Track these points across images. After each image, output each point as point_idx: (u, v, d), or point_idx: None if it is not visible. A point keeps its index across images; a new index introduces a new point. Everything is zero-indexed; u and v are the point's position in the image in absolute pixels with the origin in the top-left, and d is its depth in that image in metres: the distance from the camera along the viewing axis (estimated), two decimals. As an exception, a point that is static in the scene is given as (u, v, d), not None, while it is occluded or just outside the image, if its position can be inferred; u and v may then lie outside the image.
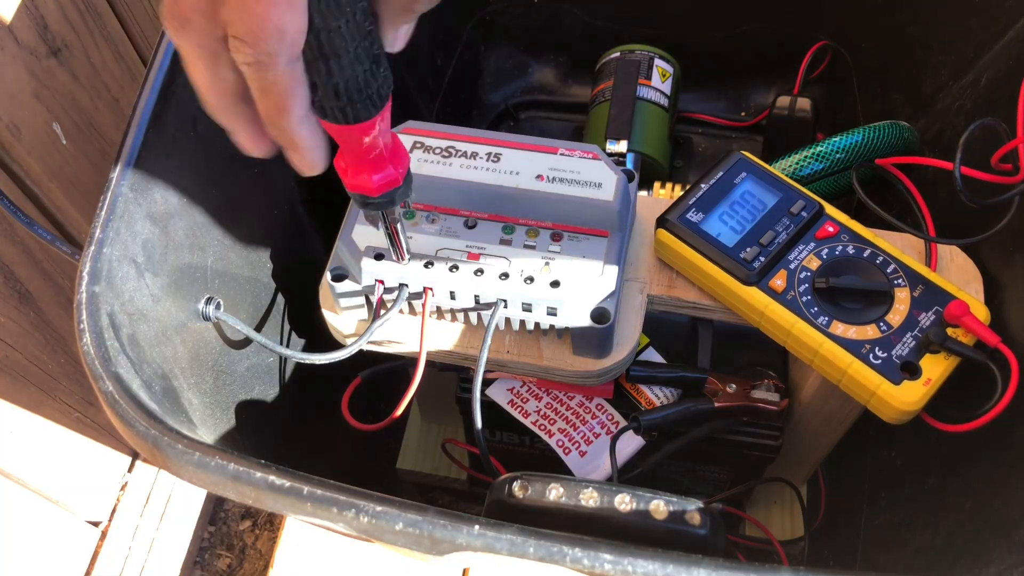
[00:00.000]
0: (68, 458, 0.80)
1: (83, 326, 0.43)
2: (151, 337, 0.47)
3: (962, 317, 0.52)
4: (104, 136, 0.74)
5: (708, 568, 0.34)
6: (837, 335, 0.53)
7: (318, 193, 0.69)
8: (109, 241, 0.45)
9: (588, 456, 0.60)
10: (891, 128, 0.69)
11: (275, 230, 0.63)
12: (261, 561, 0.99)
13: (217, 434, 0.54)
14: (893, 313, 0.54)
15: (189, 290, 0.52)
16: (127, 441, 0.41)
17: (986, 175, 0.56)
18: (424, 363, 0.53)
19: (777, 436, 0.64)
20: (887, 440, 0.69)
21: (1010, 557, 0.44)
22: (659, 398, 0.62)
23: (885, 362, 0.52)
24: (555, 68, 0.98)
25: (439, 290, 0.53)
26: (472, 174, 0.56)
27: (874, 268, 0.56)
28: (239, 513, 1.02)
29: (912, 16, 0.77)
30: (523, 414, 0.61)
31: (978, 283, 0.57)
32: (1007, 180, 0.55)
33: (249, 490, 0.38)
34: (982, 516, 0.51)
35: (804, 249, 0.57)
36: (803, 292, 0.55)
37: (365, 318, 0.57)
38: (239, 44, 0.32)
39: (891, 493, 0.67)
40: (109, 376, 0.42)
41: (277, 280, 0.64)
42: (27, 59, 0.64)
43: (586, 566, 0.34)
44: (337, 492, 0.37)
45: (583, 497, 0.42)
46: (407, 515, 0.36)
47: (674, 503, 0.42)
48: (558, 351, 0.56)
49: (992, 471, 0.52)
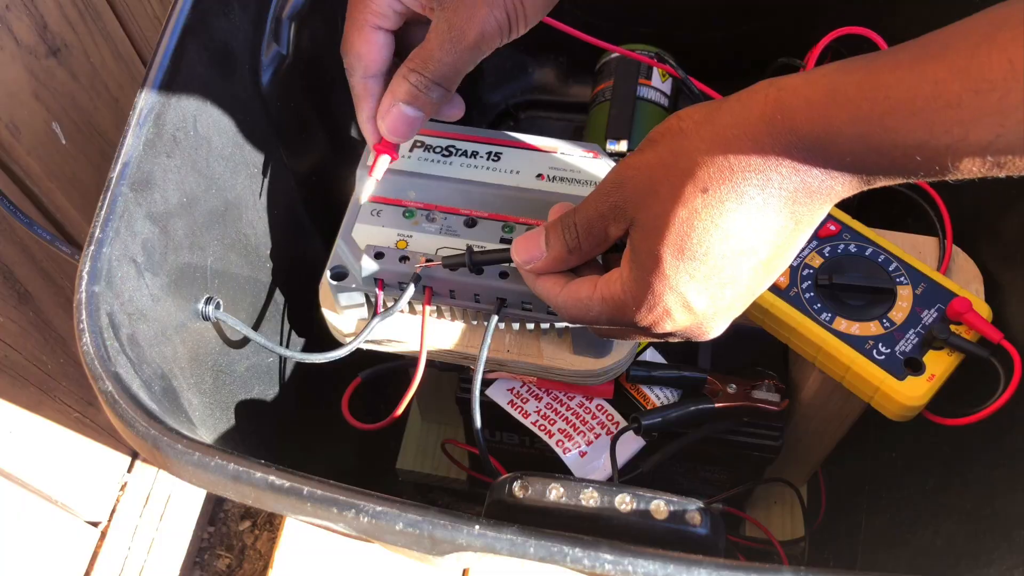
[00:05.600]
0: (68, 458, 0.80)
1: (83, 326, 0.43)
2: (151, 337, 0.47)
3: (965, 314, 0.52)
4: (104, 136, 0.74)
5: (708, 568, 0.34)
6: (840, 331, 0.53)
7: (318, 193, 0.69)
8: (109, 241, 0.45)
9: (588, 456, 0.60)
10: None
11: (275, 230, 0.63)
12: (261, 561, 0.99)
13: (217, 434, 0.54)
14: (896, 310, 0.54)
15: (189, 290, 0.52)
16: (127, 441, 0.41)
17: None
18: (424, 363, 0.53)
19: (777, 436, 0.63)
20: (887, 440, 0.69)
21: (1010, 557, 0.44)
22: (659, 398, 0.62)
23: (889, 358, 0.52)
24: (555, 68, 0.98)
25: (439, 289, 0.53)
26: (472, 173, 0.56)
27: (876, 266, 0.56)
28: (239, 513, 1.02)
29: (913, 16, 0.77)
30: (523, 414, 0.61)
31: (979, 283, 0.57)
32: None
33: (249, 490, 0.38)
34: (982, 516, 0.51)
35: (806, 247, 0.57)
36: (806, 289, 0.55)
37: (365, 317, 0.57)
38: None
39: (891, 493, 0.67)
40: (109, 376, 0.41)
41: (277, 280, 0.64)
42: (27, 59, 0.64)
43: (586, 566, 0.34)
44: (337, 492, 0.37)
45: (583, 497, 0.42)
46: (407, 515, 0.36)
47: (674, 503, 0.42)
48: (558, 350, 0.55)
49: (992, 471, 0.52)
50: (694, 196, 0.35)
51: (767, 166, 0.34)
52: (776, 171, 0.34)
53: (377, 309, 0.54)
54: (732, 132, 0.35)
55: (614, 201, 0.39)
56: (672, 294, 0.37)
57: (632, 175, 0.38)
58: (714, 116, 0.36)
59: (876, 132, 0.31)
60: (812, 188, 0.34)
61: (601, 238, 0.41)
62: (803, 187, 0.34)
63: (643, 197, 0.37)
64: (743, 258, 0.36)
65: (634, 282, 0.39)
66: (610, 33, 0.68)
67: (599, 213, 0.40)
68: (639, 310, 0.39)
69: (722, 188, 0.35)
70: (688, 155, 0.36)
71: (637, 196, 0.38)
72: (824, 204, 0.35)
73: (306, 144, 0.67)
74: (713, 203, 0.35)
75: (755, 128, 0.34)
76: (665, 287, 0.37)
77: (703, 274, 0.37)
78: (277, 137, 0.63)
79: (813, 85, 0.33)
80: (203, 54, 0.53)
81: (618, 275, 0.40)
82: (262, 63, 0.60)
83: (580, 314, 0.43)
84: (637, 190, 0.38)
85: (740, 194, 0.35)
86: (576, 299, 0.42)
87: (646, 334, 0.41)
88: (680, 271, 0.37)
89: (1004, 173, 0.30)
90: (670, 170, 0.36)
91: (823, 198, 0.35)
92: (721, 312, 0.39)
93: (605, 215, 0.40)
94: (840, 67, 0.33)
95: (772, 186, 0.34)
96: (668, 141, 0.37)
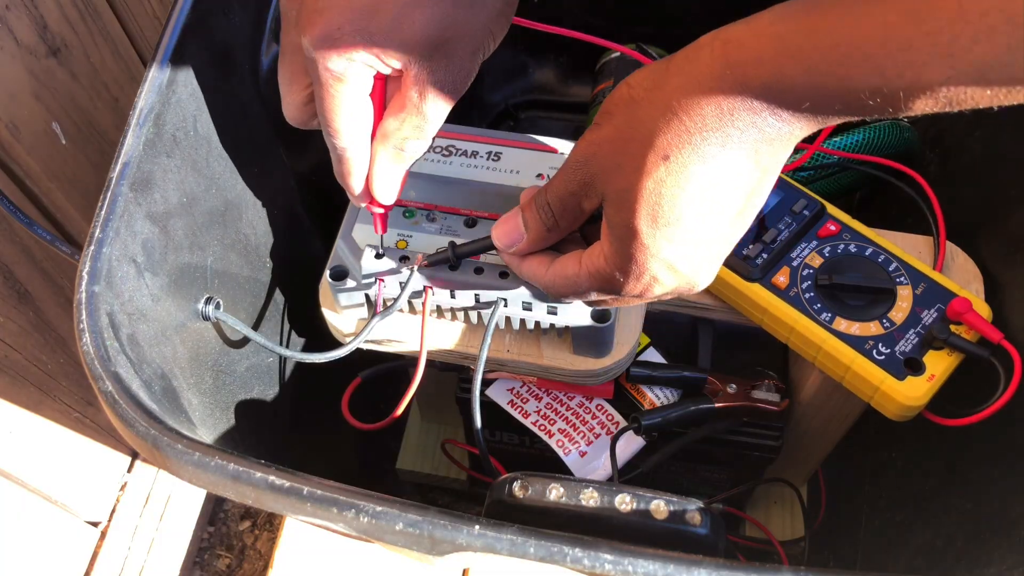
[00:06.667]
0: (67, 458, 0.80)
1: (83, 326, 0.43)
2: (151, 337, 0.47)
3: (965, 314, 0.52)
4: (104, 136, 0.74)
5: (708, 568, 0.34)
6: (840, 331, 0.53)
7: (318, 193, 0.69)
8: (109, 241, 0.45)
9: (588, 456, 0.60)
10: (891, 128, 0.69)
11: (275, 230, 0.63)
12: (260, 561, 0.99)
13: (217, 434, 0.54)
14: (896, 310, 0.54)
15: (189, 290, 0.52)
16: (127, 441, 0.41)
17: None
18: (424, 363, 0.53)
19: (777, 436, 0.63)
20: (887, 440, 0.69)
21: (1010, 557, 0.44)
22: (659, 398, 0.62)
23: (889, 358, 0.52)
24: (555, 68, 0.98)
25: (439, 289, 0.53)
26: (472, 173, 0.56)
27: (876, 266, 0.56)
28: (238, 513, 1.02)
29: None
30: (523, 414, 0.61)
31: (979, 283, 0.57)
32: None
33: (249, 490, 0.38)
34: (982, 516, 0.51)
35: (806, 247, 0.57)
36: (806, 289, 0.55)
37: (365, 317, 0.57)
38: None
39: (891, 493, 0.67)
40: (109, 376, 0.41)
41: (277, 280, 0.64)
42: (26, 59, 0.64)
43: (586, 566, 0.34)
44: (337, 492, 0.37)
45: (583, 497, 0.42)
46: (407, 515, 0.36)
47: (674, 503, 0.42)
48: (558, 350, 0.55)
49: (992, 471, 0.52)
50: (656, 165, 0.36)
51: (723, 124, 0.34)
52: (733, 127, 0.34)
53: (377, 309, 0.54)
54: (683, 95, 0.35)
55: (581, 178, 0.39)
56: (655, 261, 0.38)
57: (594, 151, 0.39)
58: (663, 80, 0.36)
59: (829, 81, 0.32)
60: (771, 136, 0.35)
61: (576, 213, 0.42)
62: (762, 137, 0.35)
63: (609, 173, 0.38)
64: (716, 215, 0.37)
65: (616, 255, 0.39)
66: (610, 33, 0.68)
67: (569, 191, 0.40)
68: (627, 281, 0.40)
69: (683, 152, 0.35)
70: (644, 125, 0.36)
71: (603, 172, 0.38)
72: (786, 147, 0.36)
73: (306, 144, 0.67)
74: (676, 169, 0.35)
75: (706, 87, 0.34)
76: (647, 256, 0.38)
77: (681, 237, 0.37)
78: (277, 137, 0.63)
79: (760, 37, 0.33)
80: (203, 54, 0.53)
81: (600, 249, 0.41)
82: (262, 63, 0.60)
83: (570, 291, 0.43)
84: (602, 166, 0.38)
85: (702, 155, 0.35)
86: (563, 277, 0.43)
87: (638, 299, 0.42)
88: (658, 239, 0.37)
89: (958, 109, 0.31)
90: (629, 142, 0.37)
91: (783, 143, 0.35)
92: (706, 266, 0.39)
93: (576, 192, 0.40)
94: (785, 13, 0.33)
95: (731, 142, 0.35)
96: (623, 112, 0.37)
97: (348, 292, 0.55)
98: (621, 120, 0.37)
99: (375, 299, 0.54)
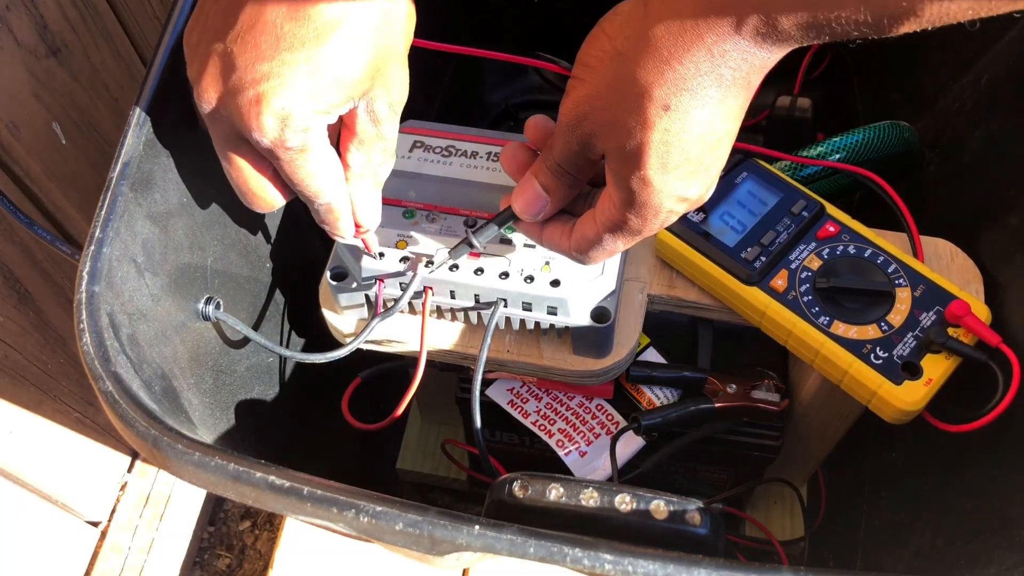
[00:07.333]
0: (68, 458, 0.80)
1: (83, 326, 0.43)
2: (151, 337, 0.47)
3: (963, 317, 0.52)
4: (104, 136, 0.74)
5: (708, 568, 0.34)
6: (838, 335, 0.53)
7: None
8: (109, 241, 0.45)
9: (588, 456, 0.60)
10: (891, 128, 0.69)
11: (275, 230, 0.63)
12: (260, 561, 0.99)
13: (217, 434, 0.54)
14: (894, 313, 0.54)
15: (189, 290, 0.52)
16: (127, 441, 0.41)
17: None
18: (424, 363, 0.53)
19: (777, 436, 0.63)
20: (887, 440, 0.69)
21: (1010, 557, 0.44)
22: (659, 398, 0.62)
23: (886, 362, 0.52)
24: (555, 68, 0.98)
25: (439, 289, 0.53)
26: (472, 173, 0.56)
27: (875, 268, 0.56)
28: (239, 513, 1.02)
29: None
30: (523, 414, 0.61)
31: (978, 283, 0.57)
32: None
33: (249, 490, 0.38)
34: (982, 516, 0.51)
35: (805, 249, 0.57)
36: (804, 292, 0.55)
37: (365, 317, 0.57)
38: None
39: (891, 493, 0.67)
40: (109, 376, 0.41)
41: (277, 280, 0.64)
42: (27, 59, 0.64)
43: (586, 566, 0.34)
44: (337, 492, 0.37)
45: (583, 497, 0.42)
46: (407, 515, 0.36)
47: (674, 503, 0.42)
48: (558, 351, 0.55)
49: (992, 471, 0.52)
50: (659, 117, 0.36)
51: (716, 65, 0.35)
52: (726, 66, 0.35)
53: (377, 309, 0.54)
54: (672, 42, 0.35)
55: (579, 138, 0.40)
56: (669, 198, 0.39)
57: (588, 110, 0.39)
58: (644, 26, 0.36)
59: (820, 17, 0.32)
60: (761, 65, 0.35)
61: (587, 165, 0.42)
62: (753, 67, 0.35)
63: (609, 130, 0.38)
64: (718, 143, 0.38)
65: (630, 204, 0.40)
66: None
67: (572, 150, 0.41)
68: (645, 222, 0.41)
69: (683, 99, 0.36)
70: (637, 79, 0.36)
71: (603, 129, 0.39)
72: (768, 68, 0.36)
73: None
74: (679, 116, 0.36)
75: (694, 32, 0.34)
76: (661, 197, 0.39)
77: (688, 172, 0.38)
78: (277, 137, 0.63)
79: None
80: (203, 54, 0.53)
81: (610, 202, 0.41)
82: (262, 63, 0.60)
83: (596, 251, 0.44)
84: (600, 123, 0.39)
85: (701, 98, 0.36)
86: (586, 239, 0.44)
87: (659, 229, 0.43)
88: (669, 180, 0.38)
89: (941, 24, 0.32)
90: (626, 96, 0.37)
91: (768, 65, 0.36)
92: (709, 182, 0.41)
93: (579, 150, 0.41)
94: None
95: (726, 79, 0.35)
96: (609, 66, 0.38)
97: (348, 293, 0.55)
98: (610, 75, 0.38)
99: (375, 299, 0.54)
